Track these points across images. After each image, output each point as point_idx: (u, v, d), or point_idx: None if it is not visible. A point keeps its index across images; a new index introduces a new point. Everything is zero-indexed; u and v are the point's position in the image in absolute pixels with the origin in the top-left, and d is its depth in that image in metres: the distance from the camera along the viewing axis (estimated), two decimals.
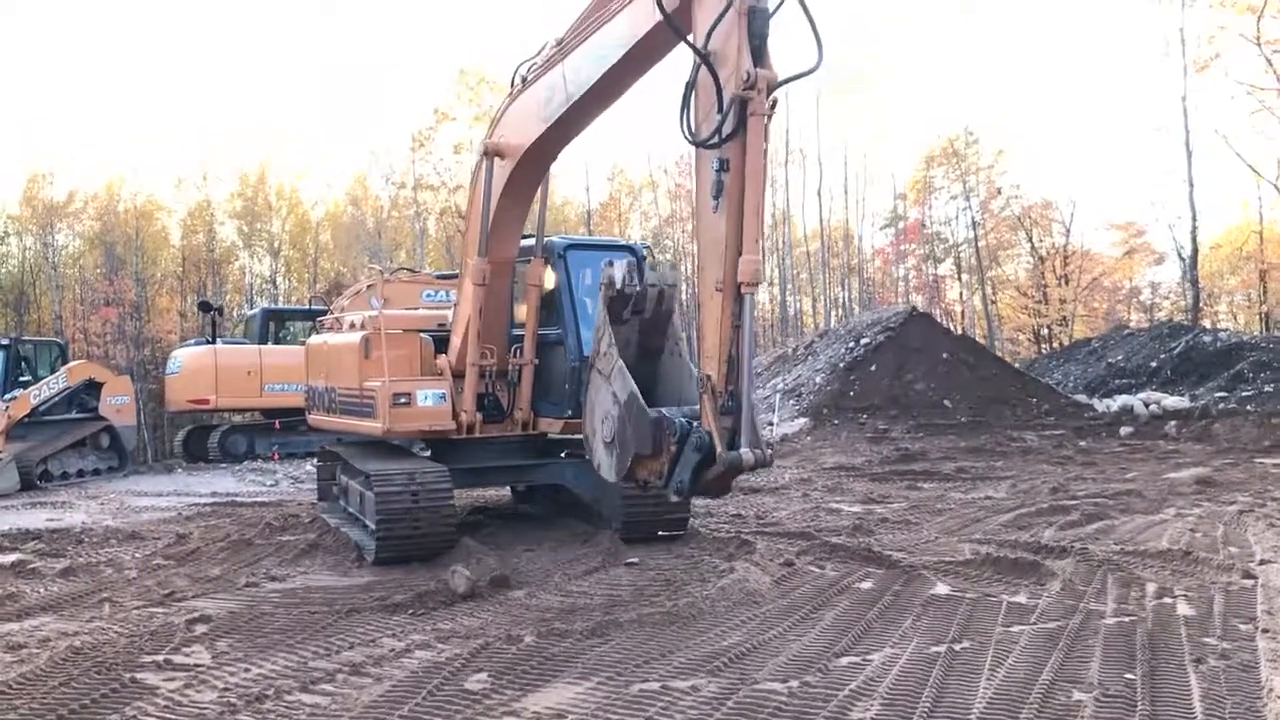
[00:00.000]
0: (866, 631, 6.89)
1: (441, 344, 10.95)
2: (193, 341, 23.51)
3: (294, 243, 59.61)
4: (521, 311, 10.78)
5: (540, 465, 11.16)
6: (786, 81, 7.03)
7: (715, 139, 7.01)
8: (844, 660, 6.26)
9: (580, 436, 11.14)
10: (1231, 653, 6.25)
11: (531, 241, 10.80)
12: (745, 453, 6.81)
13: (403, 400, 10.15)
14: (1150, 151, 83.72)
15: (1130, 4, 78.69)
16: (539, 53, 9.04)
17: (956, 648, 6.47)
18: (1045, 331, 52.43)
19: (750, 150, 7.09)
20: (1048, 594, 7.79)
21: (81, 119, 77.58)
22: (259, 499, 14.91)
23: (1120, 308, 58.23)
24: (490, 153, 9.54)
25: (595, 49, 7.97)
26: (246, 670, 6.28)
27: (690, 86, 7.36)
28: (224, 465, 20.18)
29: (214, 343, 21.42)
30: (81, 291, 52.97)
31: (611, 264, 8.69)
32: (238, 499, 14.87)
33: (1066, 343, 45.63)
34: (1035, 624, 7.00)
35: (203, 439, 22.02)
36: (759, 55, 6.87)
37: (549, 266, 10.82)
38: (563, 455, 11.64)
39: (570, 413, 10.31)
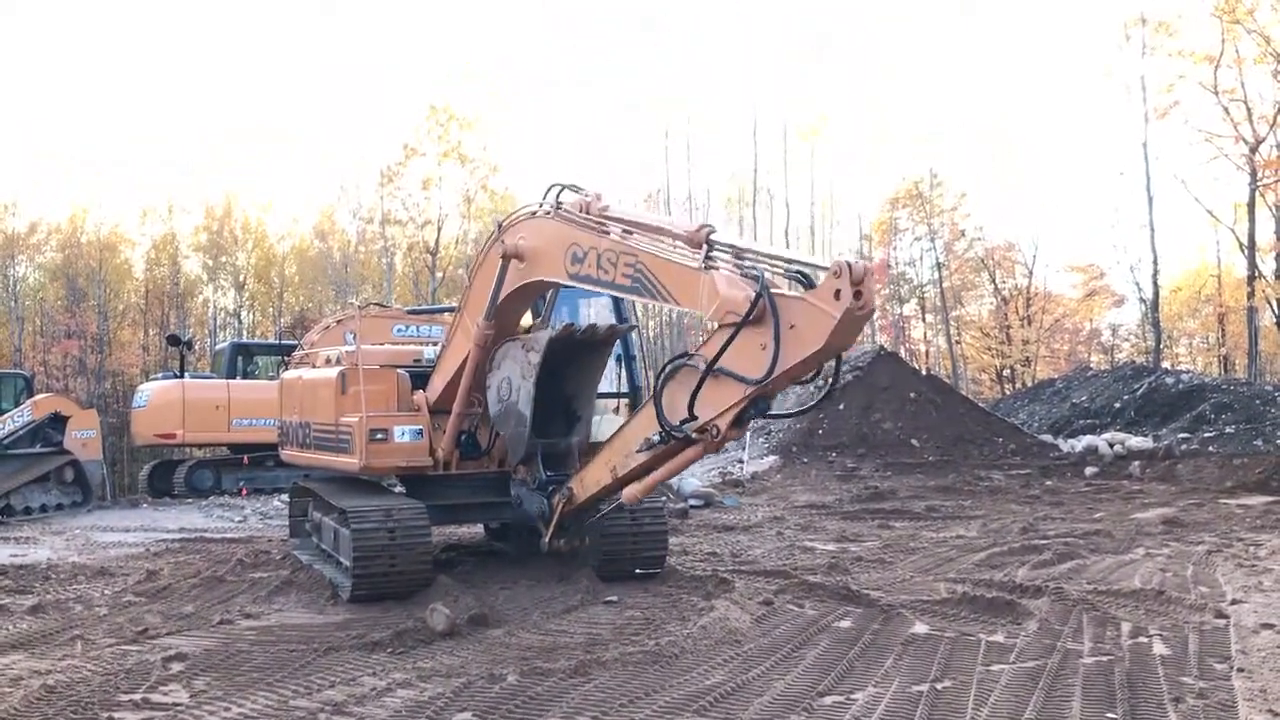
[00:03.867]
0: (849, 670, 6.90)
1: (418, 379, 10.92)
2: (160, 375, 23.29)
3: (259, 276, 59.23)
4: None
5: None
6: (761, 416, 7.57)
7: (667, 429, 7.60)
8: (828, 700, 6.27)
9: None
10: (1209, 692, 6.32)
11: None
12: (561, 544, 9.20)
13: (380, 436, 10.11)
14: (1112, 195, 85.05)
15: (1093, 50, 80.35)
16: (582, 192, 8.78)
17: (939, 687, 6.50)
18: (1008, 372, 53.00)
19: (682, 460, 7.91)
20: (1025, 633, 7.84)
21: (43, 147, 77.20)
22: (228, 535, 14.75)
23: (1081, 349, 58.99)
24: (509, 255, 9.17)
25: (635, 271, 7.82)
26: (227, 709, 6.20)
27: (671, 371, 7.71)
28: (190, 500, 19.94)
29: (182, 376, 21.23)
30: (42, 324, 52.36)
31: (571, 324, 9.51)
32: (206, 535, 14.69)
33: (1030, 383, 46.17)
34: (1015, 663, 7.04)
35: (168, 474, 21.75)
36: (740, 422, 7.32)
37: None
38: None
39: None
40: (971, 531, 14.01)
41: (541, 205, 9.04)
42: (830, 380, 7.66)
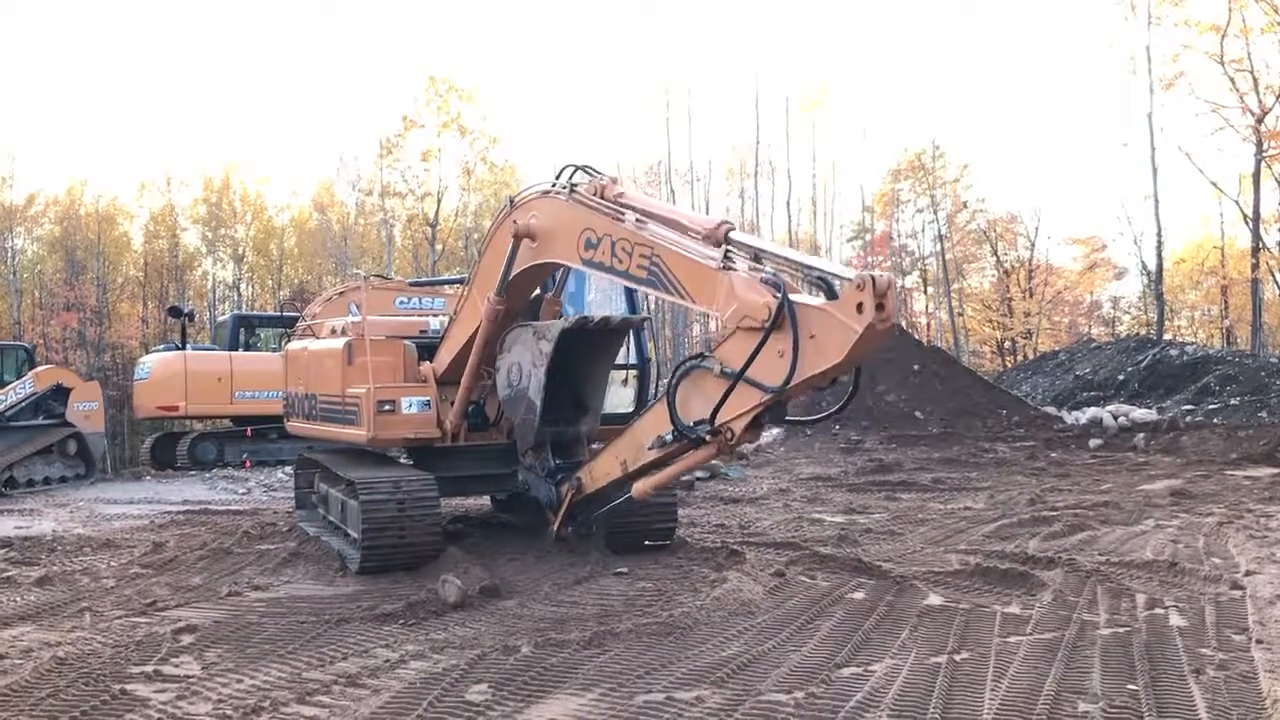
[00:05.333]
0: (865, 642, 6.85)
1: (424, 351, 10.84)
2: (162, 347, 23.16)
3: (258, 249, 59.09)
4: None
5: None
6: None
7: (680, 430, 7.50)
8: (846, 671, 6.22)
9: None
10: (1229, 663, 6.27)
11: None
12: (569, 532, 9.31)
13: (387, 407, 10.03)
14: (1116, 167, 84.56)
15: (1097, 21, 79.80)
16: (598, 175, 8.57)
17: (957, 658, 6.45)
18: (1009, 344, 52.91)
19: (694, 459, 7.83)
20: (1040, 605, 7.78)
21: (44, 121, 76.81)
22: (232, 507, 14.69)
23: (1081, 321, 58.85)
24: (520, 234, 9.01)
25: (651, 264, 7.65)
26: (239, 681, 6.15)
27: (682, 378, 7.60)
28: (193, 473, 19.87)
29: (184, 348, 21.11)
30: (41, 296, 52.25)
31: (585, 316, 9.50)
32: (211, 507, 14.64)
33: (1031, 355, 46.11)
34: (1032, 635, 6.99)
35: (170, 446, 21.67)
36: (755, 426, 7.29)
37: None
38: None
39: None
40: (979, 503, 13.96)
41: (555, 185, 8.82)
42: (851, 388, 7.52)
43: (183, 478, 19.43)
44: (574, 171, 8.75)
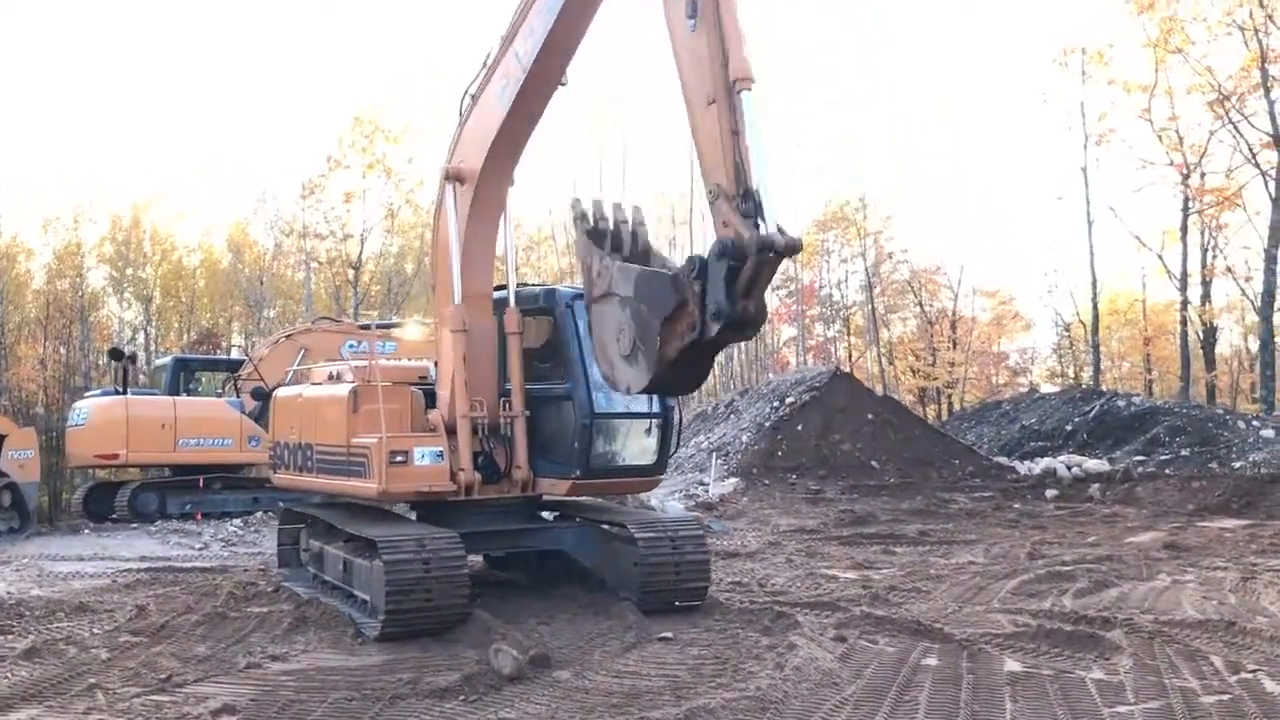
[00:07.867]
0: (974, 716, 6.43)
1: (428, 399, 10.24)
2: (99, 391, 21.79)
3: (166, 290, 57.18)
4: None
5: (540, 530, 10.50)
6: None
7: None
8: None
9: (580, 498, 10.65)
10: None
11: (504, 293, 10.27)
12: (775, 235, 6.38)
13: (400, 459, 9.38)
14: (1041, 220, 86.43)
15: (1027, 77, 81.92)
16: (481, 66, 9.18)
17: None
18: (935, 393, 53.46)
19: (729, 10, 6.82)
20: (1124, 670, 7.46)
21: None
22: (198, 564, 13.68)
23: (991, 372, 59.84)
24: (451, 177, 9.47)
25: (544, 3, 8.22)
26: None
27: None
28: (134, 525, 18.60)
29: (124, 393, 19.88)
30: None
31: (578, 200, 8.63)
32: (174, 564, 13.60)
33: (957, 406, 46.62)
34: (1137, 704, 6.66)
35: (105, 497, 20.31)
36: None
37: (544, 315, 10.28)
38: (550, 517, 11.01)
39: (577, 472, 9.72)
40: (978, 557, 13.70)
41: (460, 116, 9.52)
42: None
43: (124, 531, 18.15)
44: (476, 83, 9.27)
